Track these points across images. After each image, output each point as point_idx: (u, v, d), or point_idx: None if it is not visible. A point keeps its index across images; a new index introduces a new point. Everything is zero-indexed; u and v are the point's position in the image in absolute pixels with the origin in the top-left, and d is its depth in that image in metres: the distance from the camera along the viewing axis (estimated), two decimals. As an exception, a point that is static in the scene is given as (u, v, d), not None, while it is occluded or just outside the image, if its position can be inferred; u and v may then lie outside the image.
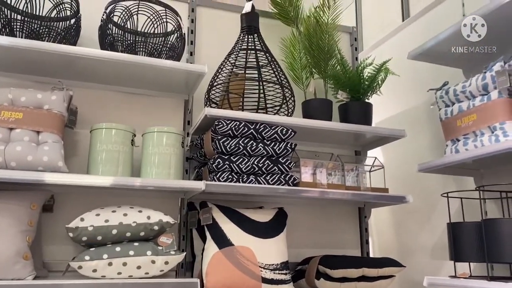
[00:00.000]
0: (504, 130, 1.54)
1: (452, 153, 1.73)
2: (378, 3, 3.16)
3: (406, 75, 2.32)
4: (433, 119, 2.17)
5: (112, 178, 1.49)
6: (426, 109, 2.22)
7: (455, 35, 1.79)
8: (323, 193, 1.74)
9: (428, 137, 2.23)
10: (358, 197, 1.82)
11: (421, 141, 2.27)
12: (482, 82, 1.63)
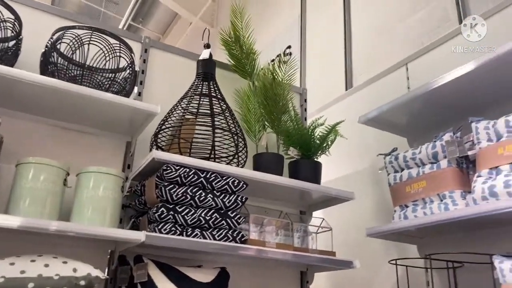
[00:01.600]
0: (453, 198, 1.56)
1: (400, 219, 1.72)
2: (323, 71, 3.29)
3: (352, 139, 2.36)
4: (379, 184, 2.19)
5: (20, 218, 1.26)
6: (373, 173, 2.24)
7: (401, 105, 1.86)
8: (272, 253, 1.63)
9: (373, 201, 2.23)
10: (306, 259, 1.72)
11: (366, 205, 2.26)
12: (432, 150, 1.67)
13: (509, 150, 1.40)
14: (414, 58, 2.28)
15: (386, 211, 2.13)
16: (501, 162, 1.41)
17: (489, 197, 1.40)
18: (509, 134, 1.43)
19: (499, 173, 1.41)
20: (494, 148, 1.45)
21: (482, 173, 1.47)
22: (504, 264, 1.35)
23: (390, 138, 2.13)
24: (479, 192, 1.43)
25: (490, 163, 1.45)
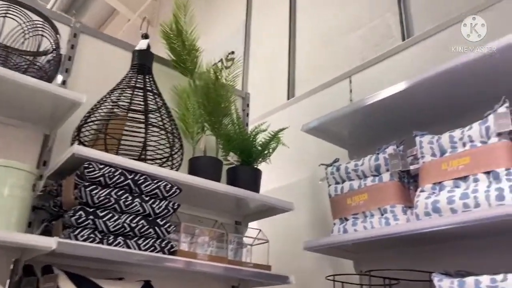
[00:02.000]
0: (395, 213, 1.52)
1: (340, 232, 1.66)
2: (266, 79, 3.21)
3: (293, 149, 2.28)
4: (318, 195, 2.13)
5: None
6: (312, 184, 2.18)
7: (343, 117, 1.82)
8: (203, 266, 1.48)
9: (311, 213, 2.16)
10: (240, 273, 1.60)
11: (304, 216, 2.19)
12: (374, 162, 1.62)
13: (453, 165, 1.37)
14: (358, 71, 2.27)
15: (324, 224, 2.06)
16: (444, 178, 1.39)
17: (432, 213, 1.37)
18: (453, 149, 1.42)
19: (442, 188, 1.39)
20: (438, 163, 1.42)
21: (425, 188, 1.43)
22: (443, 282, 1.31)
23: (332, 149, 2.08)
24: (422, 208, 1.40)
25: (434, 178, 1.42)
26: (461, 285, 1.26)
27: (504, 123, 1.28)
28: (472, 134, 1.37)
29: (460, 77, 1.48)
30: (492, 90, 1.44)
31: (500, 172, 1.26)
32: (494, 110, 1.34)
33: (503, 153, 1.27)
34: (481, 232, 1.35)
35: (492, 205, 1.23)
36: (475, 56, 1.41)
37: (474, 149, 1.35)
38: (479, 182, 1.30)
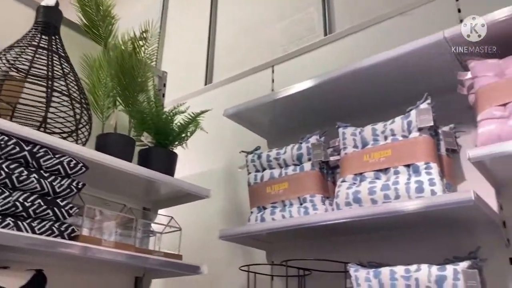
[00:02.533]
0: (314, 203, 1.50)
1: (257, 221, 1.60)
2: (182, 62, 3.06)
3: (210, 135, 2.17)
4: (234, 183, 2.06)
5: None
6: (229, 171, 2.10)
7: (262, 106, 1.77)
8: (108, 254, 1.33)
9: (226, 201, 2.08)
10: (149, 262, 1.46)
11: (218, 204, 2.10)
12: (297, 152, 1.60)
13: (375, 157, 1.39)
14: (281, 61, 2.24)
15: (239, 213, 2.00)
16: (366, 169, 1.40)
17: (353, 203, 1.37)
18: (375, 142, 1.44)
19: (363, 179, 1.40)
20: (360, 155, 1.43)
21: (346, 179, 1.43)
22: (360, 272, 1.32)
23: (250, 137, 2.02)
24: (343, 197, 1.39)
25: (355, 169, 1.42)
26: (377, 275, 1.28)
27: (426, 119, 1.32)
28: (395, 128, 1.40)
29: (382, 73, 1.50)
30: (415, 87, 1.49)
31: (420, 165, 1.30)
32: (416, 106, 1.38)
33: (423, 148, 1.32)
34: (397, 223, 1.39)
35: (412, 197, 1.26)
36: (397, 54, 1.44)
37: (396, 143, 1.37)
38: (400, 175, 1.32)
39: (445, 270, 1.17)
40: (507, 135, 1.14)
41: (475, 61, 1.32)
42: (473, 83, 1.32)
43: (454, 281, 1.15)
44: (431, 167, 1.28)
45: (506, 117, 1.18)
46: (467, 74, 1.33)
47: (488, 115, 1.21)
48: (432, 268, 1.19)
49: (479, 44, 1.34)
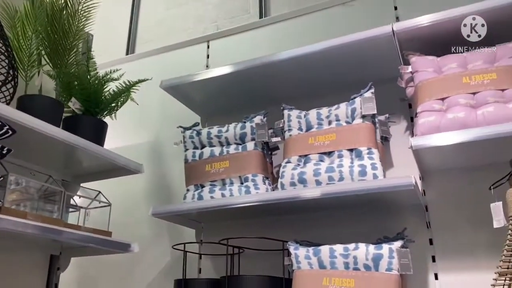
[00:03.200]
0: (256, 182, 1.50)
1: (194, 199, 1.56)
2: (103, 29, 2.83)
3: (136, 108, 2.05)
4: (167, 159, 1.98)
5: None
6: (156, 146, 2.01)
7: (199, 82, 1.72)
8: (30, 228, 1.19)
9: (159, 177, 1.99)
10: (76, 238, 1.34)
11: (150, 180, 2.00)
12: (240, 131, 1.58)
13: (320, 140, 1.43)
14: (216, 38, 2.19)
15: (167, 190, 1.93)
16: (311, 151, 1.43)
17: (297, 183, 1.40)
18: (319, 126, 1.48)
19: (308, 161, 1.43)
20: (305, 137, 1.47)
21: (291, 160, 1.46)
22: (300, 251, 1.36)
23: (183, 112, 1.94)
24: (288, 178, 1.42)
25: (300, 151, 1.45)
26: (317, 253, 1.33)
27: (370, 107, 1.39)
28: (339, 113, 1.45)
29: (324, 59, 1.54)
30: (355, 75, 1.56)
31: (363, 150, 1.37)
32: (361, 94, 1.44)
33: (366, 134, 1.39)
34: (337, 204, 1.45)
35: (355, 179, 1.32)
36: (343, 42, 1.50)
37: (340, 128, 1.43)
38: (344, 158, 1.38)
39: (381, 249, 1.26)
40: (445, 127, 1.25)
41: (416, 56, 1.42)
42: (412, 77, 1.42)
43: (389, 259, 1.24)
44: (373, 153, 1.36)
45: (444, 111, 1.29)
46: (408, 68, 1.43)
47: (428, 107, 1.31)
48: (369, 247, 1.27)
49: (418, 43, 1.45)
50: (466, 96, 1.28)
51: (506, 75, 1.26)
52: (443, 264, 1.40)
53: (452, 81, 1.32)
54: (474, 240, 1.38)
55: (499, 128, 1.18)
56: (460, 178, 1.45)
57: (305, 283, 1.30)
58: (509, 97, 1.23)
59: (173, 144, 1.71)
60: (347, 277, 1.25)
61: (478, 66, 1.31)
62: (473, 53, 1.34)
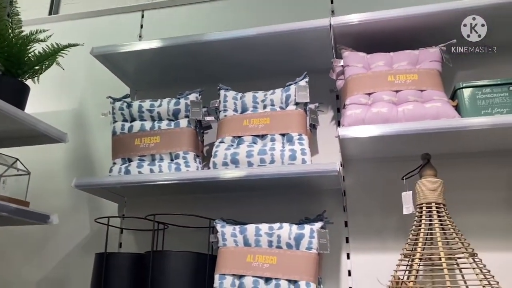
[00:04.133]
0: (187, 160, 1.51)
1: (121, 173, 1.52)
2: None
3: (60, 73, 1.93)
4: (88, 129, 1.89)
5: None
6: (79, 116, 1.91)
7: (132, 53, 1.66)
8: None
9: (81, 148, 1.90)
10: (-9, 208, 1.26)
11: (71, 151, 1.90)
12: (174, 107, 1.56)
13: (254, 123, 1.47)
14: (151, 8, 2.11)
15: (89, 161, 1.86)
16: (245, 133, 1.47)
17: (230, 163, 1.43)
18: (254, 109, 1.52)
19: (241, 142, 1.46)
20: (240, 119, 1.50)
21: (225, 140, 1.48)
22: (226, 228, 1.41)
23: (111, 82, 1.87)
24: (221, 157, 1.44)
25: (234, 132, 1.48)
26: (243, 232, 1.38)
27: (303, 95, 1.46)
28: (274, 98, 1.50)
29: (259, 45, 1.57)
30: (295, 64, 1.62)
31: (294, 136, 1.43)
32: (296, 82, 1.50)
33: (298, 120, 1.45)
34: (265, 186, 1.51)
35: (285, 163, 1.39)
36: (276, 30, 1.53)
37: (274, 112, 1.48)
38: (276, 142, 1.44)
39: (303, 229, 1.34)
40: (369, 120, 1.35)
41: (348, 51, 1.51)
42: (343, 71, 1.51)
43: (310, 238, 1.33)
44: (303, 139, 1.43)
45: (369, 105, 1.39)
46: (340, 62, 1.51)
47: (355, 101, 1.40)
48: (292, 227, 1.35)
49: (351, 38, 1.53)
50: (390, 93, 1.39)
51: (426, 77, 1.39)
52: (355, 244, 1.53)
53: (378, 78, 1.42)
54: (384, 224, 1.52)
55: (416, 125, 1.30)
56: (377, 168, 1.58)
57: (229, 259, 1.35)
58: (427, 98, 1.37)
59: (101, 115, 1.65)
60: (270, 255, 1.32)
61: (402, 67, 1.43)
62: (399, 54, 1.46)
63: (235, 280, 1.32)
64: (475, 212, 1.46)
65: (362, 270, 1.49)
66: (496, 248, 1.41)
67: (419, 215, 1.31)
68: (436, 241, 1.24)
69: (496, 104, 1.33)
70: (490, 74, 1.51)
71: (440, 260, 1.22)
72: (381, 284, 1.34)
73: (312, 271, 1.29)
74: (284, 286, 1.27)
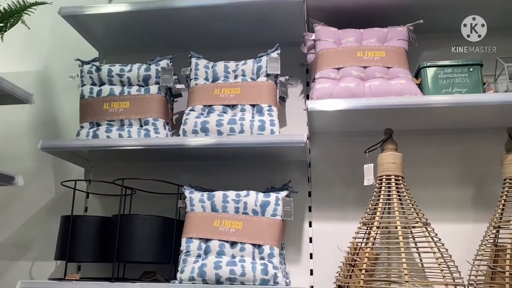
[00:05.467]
0: (156, 126, 1.51)
1: (88, 136, 1.51)
2: None
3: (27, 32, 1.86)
4: (53, 91, 1.85)
5: None
6: (47, 77, 1.86)
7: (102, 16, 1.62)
8: None
9: (44, 111, 1.85)
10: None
11: (34, 114, 1.86)
12: (145, 72, 1.55)
13: (225, 93, 1.49)
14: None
15: (61, 124, 1.83)
16: (215, 102, 1.48)
17: (200, 132, 1.45)
18: (226, 79, 1.53)
19: (211, 111, 1.48)
20: (211, 88, 1.51)
21: (195, 108, 1.49)
22: (194, 194, 1.44)
23: (77, 44, 1.82)
24: (191, 125, 1.45)
25: (205, 100, 1.49)
26: (211, 198, 1.41)
27: (275, 67, 1.48)
28: (246, 69, 1.52)
29: (233, 14, 1.56)
30: (267, 35, 1.63)
31: (264, 107, 1.46)
32: (268, 53, 1.52)
33: (268, 92, 1.48)
34: (234, 155, 1.54)
35: (254, 133, 1.42)
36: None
37: (245, 83, 1.50)
38: (246, 112, 1.46)
39: (269, 197, 1.39)
40: (337, 94, 1.40)
41: (320, 25, 1.53)
42: (314, 45, 1.54)
43: (275, 206, 1.38)
44: (273, 110, 1.46)
45: (338, 79, 1.44)
46: (312, 36, 1.54)
47: (325, 75, 1.44)
48: (259, 195, 1.40)
49: (323, 12, 1.55)
50: (358, 69, 1.44)
51: (393, 55, 1.44)
52: (317, 213, 1.60)
53: (348, 53, 1.46)
54: (345, 195, 1.59)
55: (380, 100, 1.36)
56: (341, 141, 1.64)
57: (197, 223, 1.39)
58: (393, 75, 1.42)
59: (68, 77, 1.61)
60: (236, 220, 1.37)
61: (371, 43, 1.47)
62: (368, 31, 1.50)
63: (202, 243, 1.36)
64: (430, 185, 1.55)
65: (323, 237, 1.56)
66: (447, 219, 1.51)
67: (378, 187, 1.38)
68: (393, 211, 1.32)
69: (456, 84, 1.40)
70: (453, 55, 1.59)
71: (396, 229, 1.30)
72: (340, 250, 1.42)
73: (276, 237, 1.35)
74: (249, 249, 1.33)
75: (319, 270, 1.53)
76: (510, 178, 1.34)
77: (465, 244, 1.44)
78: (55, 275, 1.66)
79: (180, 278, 1.32)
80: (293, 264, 1.54)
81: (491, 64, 1.50)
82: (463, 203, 1.53)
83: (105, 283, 1.31)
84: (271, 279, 1.29)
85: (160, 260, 1.39)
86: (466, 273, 1.32)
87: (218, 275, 1.29)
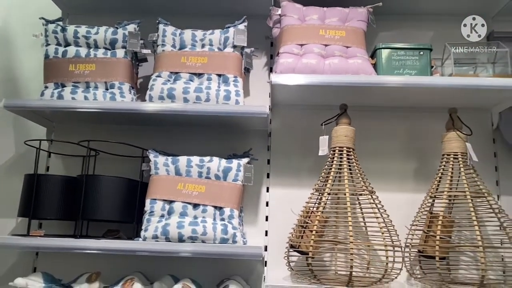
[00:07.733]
0: (122, 90, 1.54)
1: (53, 97, 1.52)
2: None
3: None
4: (13, 50, 1.80)
5: None
6: (7, 35, 1.81)
7: None
8: None
9: (6, 69, 1.81)
10: None
11: None
12: (112, 36, 1.56)
13: (192, 61, 1.53)
14: None
15: (23, 83, 1.80)
16: (182, 70, 1.52)
17: (166, 98, 1.49)
18: (193, 47, 1.57)
19: (178, 78, 1.52)
20: (178, 55, 1.54)
21: (162, 74, 1.53)
22: (159, 158, 1.50)
23: (41, 2, 1.78)
24: (158, 91, 1.50)
25: (172, 67, 1.53)
26: (175, 162, 1.48)
27: (241, 39, 1.54)
28: (213, 39, 1.56)
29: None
30: (235, 6, 1.68)
31: (230, 77, 1.52)
32: (235, 25, 1.57)
33: (235, 63, 1.54)
34: (199, 122, 1.60)
35: (220, 102, 1.48)
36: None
37: (212, 53, 1.54)
38: (212, 82, 1.51)
39: (232, 163, 1.48)
40: (299, 69, 1.48)
41: (287, 1, 1.59)
42: (280, 19, 1.60)
43: (237, 171, 1.47)
44: (238, 81, 1.53)
45: (300, 55, 1.52)
46: (278, 11, 1.60)
47: (288, 50, 1.52)
48: (221, 161, 1.48)
49: None
50: (320, 47, 1.52)
51: (352, 35, 1.53)
52: (274, 180, 1.70)
53: (311, 31, 1.54)
54: (301, 164, 1.71)
55: (338, 78, 1.46)
56: (301, 114, 1.74)
57: (161, 186, 1.45)
58: (351, 54, 1.52)
59: (32, 35, 1.59)
60: (199, 184, 1.45)
61: (333, 23, 1.55)
62: (331, 10, 1.58)
63: (166, 205, 1.44)
64: (378, 157, 1.69)
65: (278, 202, 1.68)
66: (391, 189, 1.67)
67: (331, 157, 1.50)
68: (343, 180, 1.45)
69: (407, 66, 1.52)
70: (408, 38, 1.71)
71: (345, 195, 1.43)
72: (294, 213, 1.54)
73: (236, 200, 1.45)
74: (211, 211, 1.42)
75: (273, 231, 1.65)
76: (447, 154, 1.49)
77: (405, 211, 1.60)
78: (17, 232, 1.69)
79: (144, 236, 1.40)
80: (250, 225, 1.66)
81: (441, 49, 1.63)
82: (406, 175, 1.68)
83: (70, 239, 1.36)
84: (230, 238, 1.40)
85: (124, 219, 1.46)
86: (404, 237, 1.48)
87: (180, 233, 1.38)
